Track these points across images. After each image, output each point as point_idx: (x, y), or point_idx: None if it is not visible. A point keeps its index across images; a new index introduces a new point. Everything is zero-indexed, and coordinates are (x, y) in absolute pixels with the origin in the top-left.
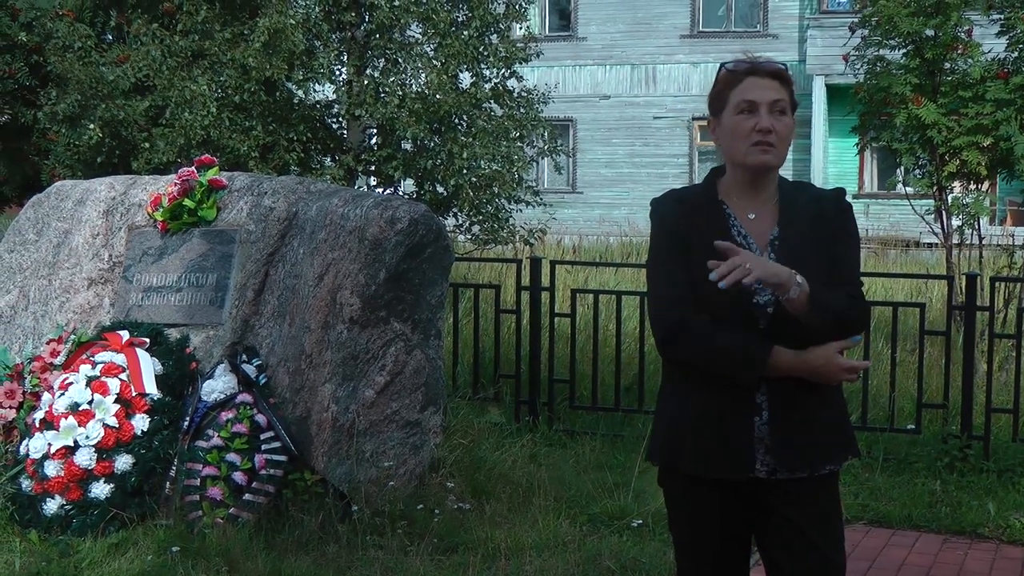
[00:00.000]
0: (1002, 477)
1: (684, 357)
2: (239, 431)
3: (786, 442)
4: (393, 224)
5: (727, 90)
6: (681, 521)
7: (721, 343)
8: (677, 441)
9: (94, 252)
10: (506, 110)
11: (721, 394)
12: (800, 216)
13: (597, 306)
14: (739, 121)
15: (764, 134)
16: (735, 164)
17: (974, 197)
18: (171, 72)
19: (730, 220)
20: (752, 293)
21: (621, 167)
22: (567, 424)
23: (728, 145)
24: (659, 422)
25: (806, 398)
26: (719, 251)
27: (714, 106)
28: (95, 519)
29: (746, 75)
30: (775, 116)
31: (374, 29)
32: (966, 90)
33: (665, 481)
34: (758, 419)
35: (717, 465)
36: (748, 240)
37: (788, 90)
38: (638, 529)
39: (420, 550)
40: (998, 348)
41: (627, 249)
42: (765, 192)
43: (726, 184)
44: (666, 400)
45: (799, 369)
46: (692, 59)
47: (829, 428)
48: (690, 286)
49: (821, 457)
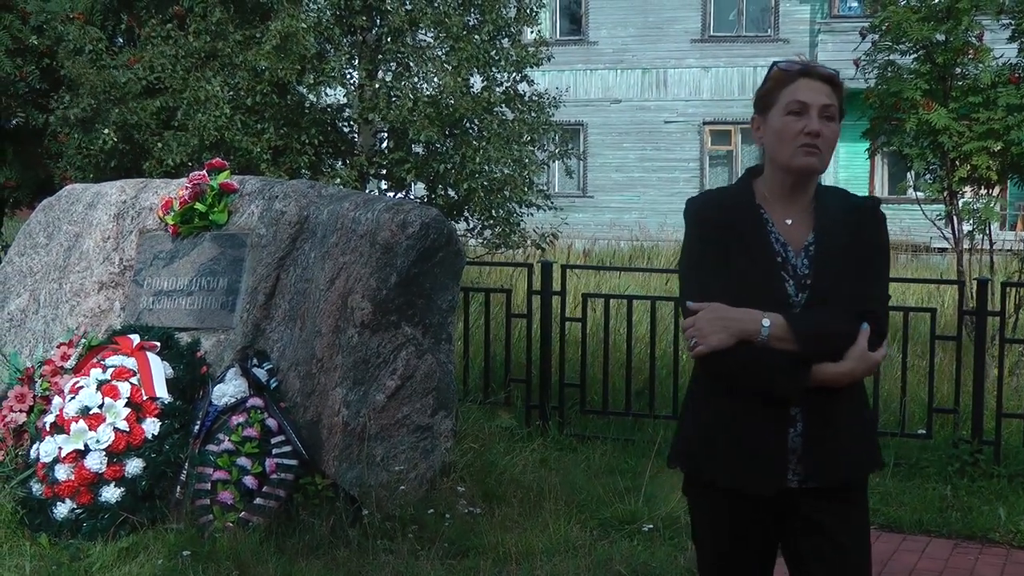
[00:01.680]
0: (1013, 482)
1: (722, 369)
2: (250, 435)
3: (819, 453)
4: (404, 228)
5: (777, 89)
6: (706, 531)
7: (763, 356)
8: (708, 451)
9: (105, 256)
10: (517, 114)
11: (756, 405)
12: (836, 224)
13: (608, 310)
14: (788, 122)
15: (812, 137)
16: (778, 166)
17: (985, 202)
18: (185, 72)
19: (768, 225)
20: (787, 295)
21: (632, 171)
22: (578, 428)
23: (773, 145)
24: (688, 429)
25: (838, 409)
26: (691, 311)
27: (761, 104)
28: (105, 523)
29: (799, 76)
30: (824, 121)
31: (386, 33)
32: (977, 95)
33: (691, 490)
34: (792, 431)
35: (750, 478)
36: (786, 247)
37: (839, 96)
38: (649, 533)
39: (431, 555)
40: (1009, 353)
41: (638, 253)
42: (804, 197)
43: (763, 186)
44: (696, 406)
45: (839, 376)
46: (703, 63)
47: (859, 438)
48: (725, 292)
49: (853, 467)
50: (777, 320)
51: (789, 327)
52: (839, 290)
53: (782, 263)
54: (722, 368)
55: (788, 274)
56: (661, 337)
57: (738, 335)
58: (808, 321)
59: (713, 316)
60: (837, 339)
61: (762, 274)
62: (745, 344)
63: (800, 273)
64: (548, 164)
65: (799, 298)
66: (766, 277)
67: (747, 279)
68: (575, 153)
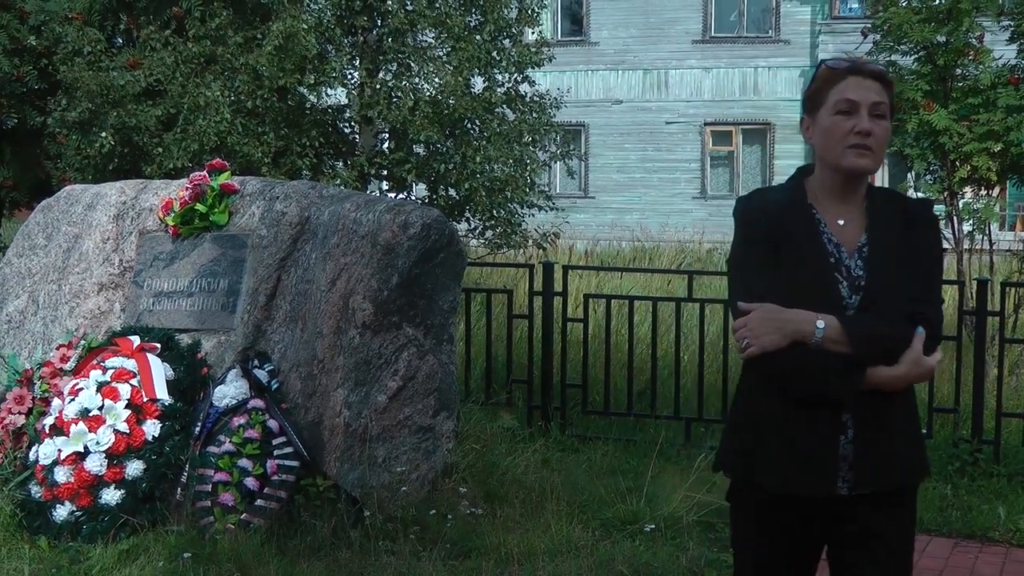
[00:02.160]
0: (1012, 481)
1: (774, 371)
2: (251, 436)
3: (873, 458)
4: (406, 229)
5: (826, 88)
6: (748, 538)
7: (817, 358)
8: (758, 455)
9: (104, 257)
10: (518, 114)
11: (808, 409)
12: (889, 225)
13: (609, 311)
14: (837, 122)
15: (863, 136)
16: (829, 166)
17: (985, 202)
18: (184, 78)
19: (820, 226)
20: (840, 297)
21: (633, 172)
22: (580, 429)
23: (823, 146)
24: (736, 433)
25: (890, 413)
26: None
27: (810, 104)
28: (105, 525)
29: (847, 74)
30: (874, 119)
31: (387, 33)
32: (977, 96)
33: (738, 496)
34: (843, 437)
35: (802, 480)
36: (839, 248)
37: (889, 93)
38: (651, 534)
39: (433, 555)
40: (1009, 353)
41: (639, 254)
42: (855, 197)
43: (814, 186)
44: (745, 409)
45: (893, 380)
46: (704, 64)
47: (911, 443)
48: (777, 293)
49: (906, 472)
50: (831, 322)
51: (844, 329)
52: (893, 293)
53: (835, 264)
54: (774, 370)
55: (842, 275)
56: (663, 338)
57: (792, 336)
58: (863, 324)
59: (766, 316)
60: (892, 343)
61: (815, 275)
62: (798, 346)
63: (854, 275)
64: (549, 165)
65: (852, 300)
66: (819, 278)
67: (800, 280)
68: (576, 154)
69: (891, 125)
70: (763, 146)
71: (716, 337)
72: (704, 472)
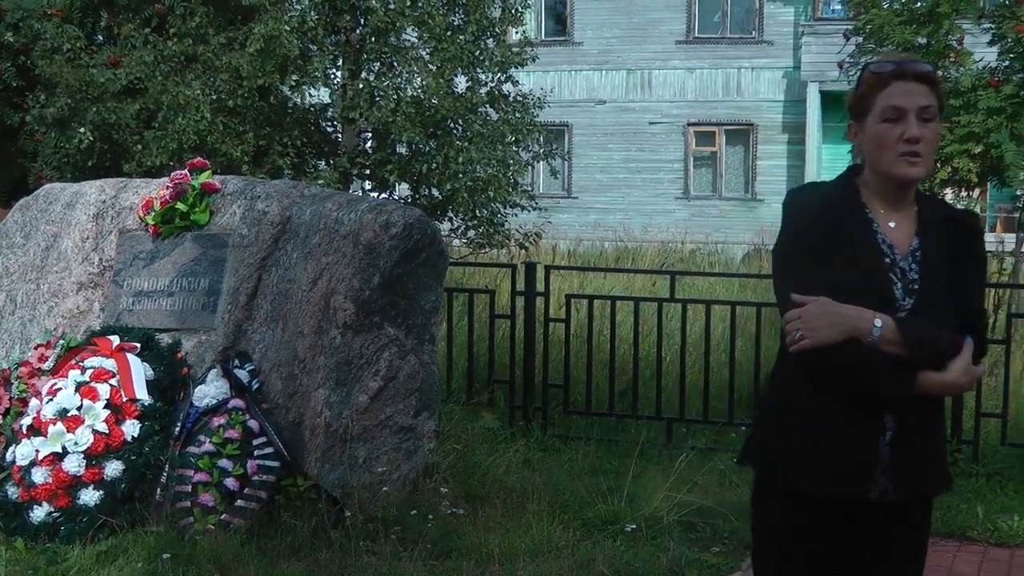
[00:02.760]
0: (991, 481)
1: (827, 365)
2: (231, 437)
3: (908, 465)
4: (387, 228)
5: (872, 94)
6: (772, 539)
7: (872, 357)
8: (792, 451)
9: (84, 256)
10: (501, 114)
11: (850, 408)
12: (938, 232)
13: (591, 311)
14: (885, 129)
15: (912, 144)
16: (880, 173)
17: (965, 204)
18: (164, 77)
19: (873, 226)
20: (894, 298)
21: (617, 172)
22: (561, 429)
23: (873, 154)
24: (770, 426)
25: (924, 422)
26: (795, 303)
27: (856, 110)
28: (84, 526)
29: (892, 79)
30: (922, 123)
31: (369, 33)
32: (957, 98)
33: (765, 495)
34: (882, 438)
35: (838, 483)
36: (893, 249)
37: (936, 94)
38: (632, 534)
39: (413, 556)
40: (988, 353)
41: (622, 254)
42: (906, 201)
43: (866, 187)
44: (782, 404)
45: (943, 386)
46: (688, 65)
47: (940, 453)
48: (831, 289)
49: (936, 482)
50: (888, 322)
51: (900, 330)
52: (945, 299)
53: (890, 264)
54: (827, 364)
55: (896, 276)
56: (644, 338)
57: (848, 332)
58: (917, 327)
59: (823, 310)
60: (944, 349)
61: (870, 274)
62: (853, 343)
63: (909, 277)
64: (532, 164)
65: (906, 302)
66: (874, 277)
67: (854, 277)
68: (559, 153)
69: (939, 126)
70: (746, 147)
71: (698, 338)
72: (685, 472)
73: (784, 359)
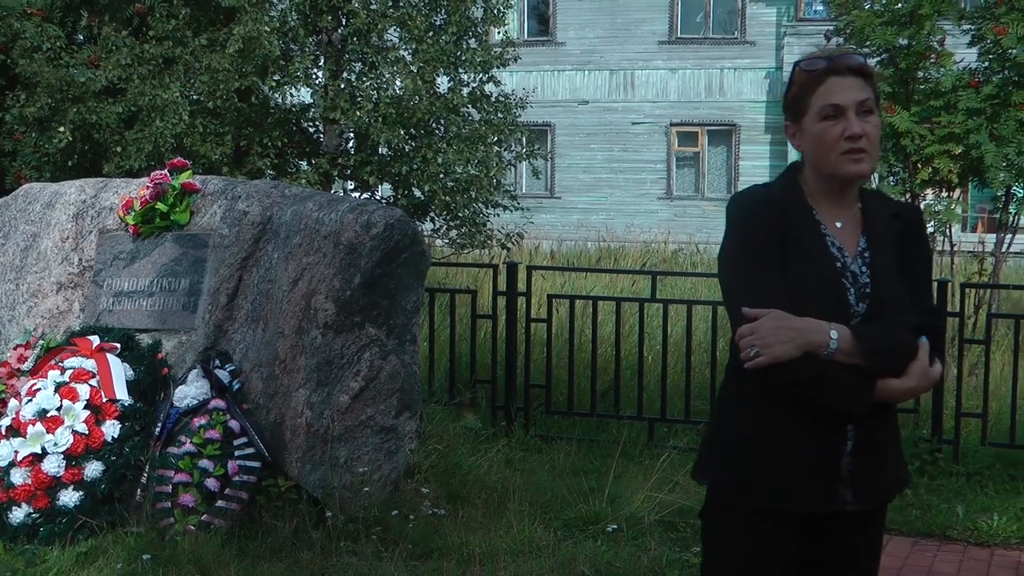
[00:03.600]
0: (971, 480)
1: (784, 382)
2: (212, 437)
3: (869, 473)
4: (368, 229)
5: (807, 93)
6: (735, 554)
7: (830, 370)
8: (753, 468)
9: (63, 256)
10: (484, 115)
11: (810, 421)
12: (885, 229)
13: (573, 311)
14: (825, 128)
15: (855, 140)
16: (824, 173)
17: (946, 204)
18: (142, 80)
19: (821, 227)
20: (848, 304)
21: (599, 172)
22: (543, 429)
23: (815, 154)
24: (725, 441)
25: (883, 428)
26: (747, 318)
27: (793, 111)
28: (63, 527)
29: (826, 75)
30: (863, 117)
31: (351, 33)
32: (938, 99)
33: (723, 510)
34: (844, 449)
35: (801, 497)
36: (842, 252)
37: (872, 85)
38: (613, 534)
39: (394, 556)
40: (968, 353)
41: (605, 254)
42: (850, 199)
43: (809, 187)
44: (737, 418)
45: (903, 391)
46: (670, 65)
47: (899, 456)
48: (784, 299)
49: (892, 488)
50: (844, 333)
51: (856, 341)
52: (899, 301)
53: (841, 269)
54: (784, 380)
55: (848, 281)
56: (626, 338)
57: (805, 347)
58: (872, 334)
59: (778, 325)
60: (902, 354)
61: (823, 281)
62: (809, 357)
63: (860, 281)
64: (515, 165)
65: (859, 307)
66: (828, 284)
67: (808, 285)
68: (541, 154)
69: (879, 117)
70: (728, 147)
71: (679, 338)
72: (666, 472)
73: (738, 373)
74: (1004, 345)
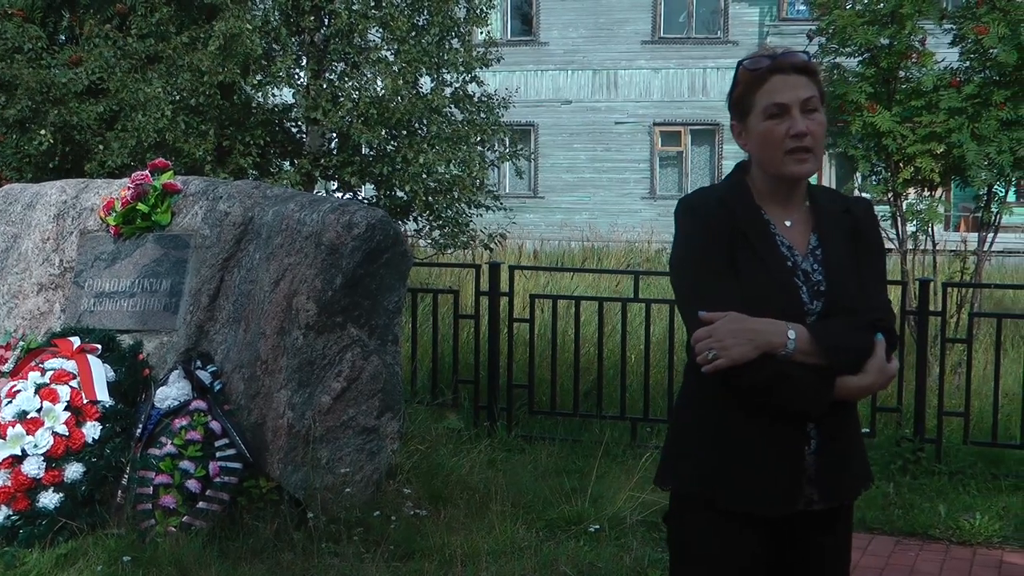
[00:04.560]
0: (953, 479)
1: (743, 384)
2: (193, 438)
3: (834, 472)
4: (350, 229)
5: (751, 93)
6: (702, 558)
7: (789, 371)
8: (716, 472)
9: (44, 257)
10: (466, 115)
11: (771, 422)
12: (835, 225)
13: (556, 311)
14: (770, 127)
15: (800, 139)
16: (769, 173)
17: (928, 203)
18: (124, 75)
19: (770, 227)
20: (802, 303)
21: (583, 172)
22: (525, 429)
23: (760, 154)
24: (687, 446)
25: (844, 426)
26: (703, 321)
27: (737, 111)
28: (43, 529)
29: (770, 73)
30: (807, 115)
31: (333, 33)
32: (919, 98)
33: (688, 514)
34: (807, 449)
35: (766, 500)
36: (792, 251)
37: (817, 82)
38: (595, 534)
39: (376, 557)
40: (950, 352)
41: (588, 254)
42: (798, 197)
43: (757, 187)
44: (697, 422)
45: (861, 389)
46: (653, 65)
47: (860, 455)
48: (739, 300)
49: (857, 485)
50: (801, 332)
51: (814, 340)
52: (853, 298)
53: (792, 268)
54: (743, 383)
55: (800, 280)
56: (609, 338)
57: (763, 348)
58: (831, 333)
59: (735, 327)
60: (859, 351)
61: (775, 280)
62: (767, 357)
63: (813, 279)
64: (498, 165)
65: (814, 305)
66: (781, 284)
67: (759, 285)
68: (525, 154)
69: (825, 113)
70: (712, 146)
71: (662, 337)
72: (649, 472)
73: (697, 375)
74: (986, 344)
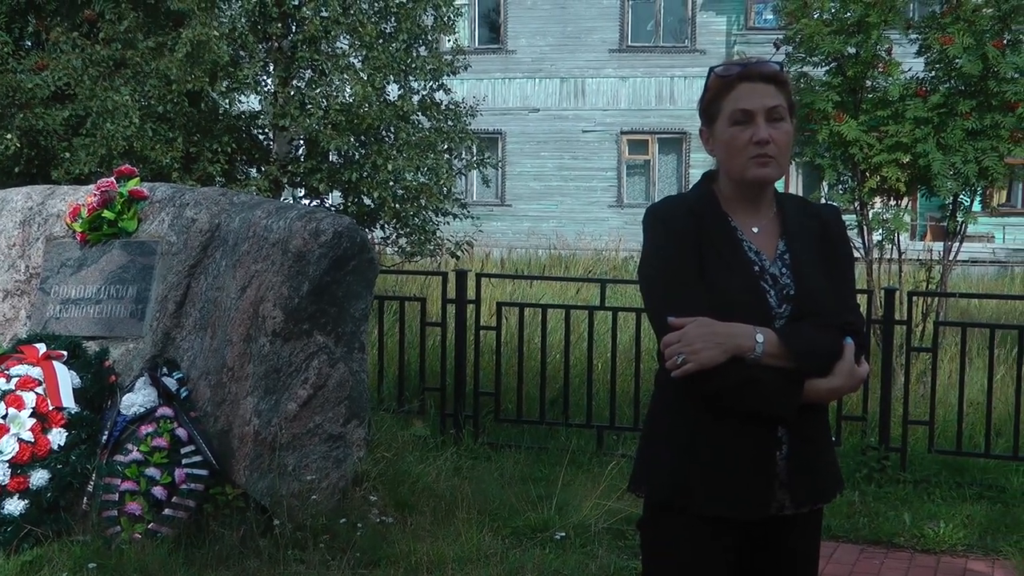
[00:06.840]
0: (918, 487)
1: (712, 388)
2: (159, 445)
3: (805, 476)
4: (317, 236)
5: (719, 99)
6: (674, 564)
7: (758, 374)
8: (688, 477)
9: (10, 263)
10: (434, 123)
11: (742, 427)
12: (803, 231)
13: (523, 319)
14: (735, 133)
15: (762, 146)
16: (734, 178)
17: (894, 213)
18: (92, 82)
19: (738, 234)
20: (770, 306)
21: (550, 180)
22: (492, 437)
23: (725, 159)
24: (658, 452)
25: (814, 430)
26: (673, 327)
27: (706, 116)
28: (8, 536)
29: (739, 81)
30: (773, 124)
31: (301, 40)
32: (886, 108)
33: (661, 520)
34: (779, 453)
35: (739, 504)
36: (760, 256)
37: (785, 93)
38: (561, 542)
39: (342, 564)
40: (916, 361)
41: (555, 262)
42: (764, 204)
43: (724, 194)
44: (668, 427)
45: (830, 392)
46: (621, 73)
47: (831, 460)
48: (707, 305)
49: (829, 490)
50: (770, 336)
51: (783, 343)
52: (822, 302)
53: (760, 272)
54: (712, 387)
55: (768, 284)
56: (575, 346)
57: (731, 351)
58: (800, 337)
59: (704, 331)
60: (827, 354)
61: (744, 285)
62: (736, 361)
63: (781, 283)
64: (465, 173)
65: (782, 308)
66: (748, 288)
67: (727, 290)
68: (492, 162)
69: (793, 124)
70: (679, 155)
71: (628, 345)
72: (615, 480)
73: (668, 381)
74: (951, 353)
